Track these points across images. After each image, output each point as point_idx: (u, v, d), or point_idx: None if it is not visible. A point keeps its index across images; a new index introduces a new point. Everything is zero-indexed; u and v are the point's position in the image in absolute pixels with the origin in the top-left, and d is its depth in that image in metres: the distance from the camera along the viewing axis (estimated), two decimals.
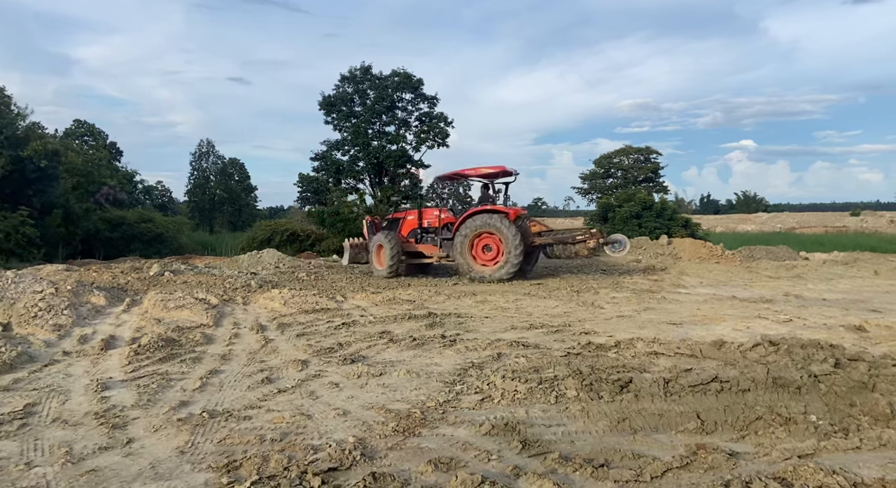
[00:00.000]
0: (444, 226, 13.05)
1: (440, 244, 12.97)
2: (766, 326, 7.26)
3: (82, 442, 3.69)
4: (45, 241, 19.87)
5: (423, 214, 13.49)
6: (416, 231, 13.31)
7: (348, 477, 3.15)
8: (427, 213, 13.47)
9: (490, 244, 12.26)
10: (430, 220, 13.36)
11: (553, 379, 4.74)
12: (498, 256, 12.19)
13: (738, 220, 52.98)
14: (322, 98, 26.12)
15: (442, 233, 13.04)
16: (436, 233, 13.19)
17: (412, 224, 13.40)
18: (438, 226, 13.13)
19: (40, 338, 6.59)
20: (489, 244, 12.27)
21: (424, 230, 13.32)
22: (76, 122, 43.74)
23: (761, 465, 3.26)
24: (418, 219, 13.40)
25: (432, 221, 13.31)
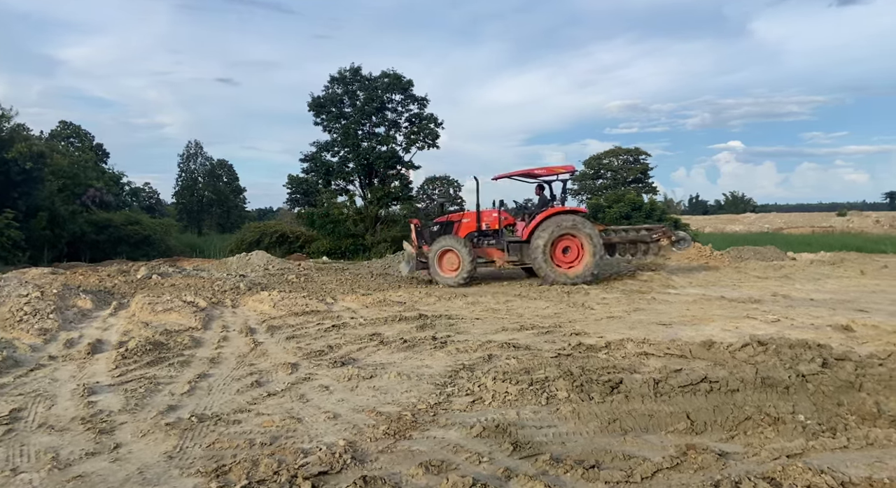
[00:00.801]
0: (505, 229, 12.45)
1: (506, 247, 12.19)
2: (755, 326, 7.31)
3: (69, 448, 3.64)
4: (30, 244, 19.66)
5: (481, 216, 12.54)
6: (472, 234, 12.40)
7: (339, 480, 3.13)
8: (485, 215, 12.54)
9: (570, 246, 11.75)
10: (488, 222, 12.50)
11: (544, 381, 4.74)
12: (578, 258, 11.74)
13: (727, 221, 53.42)
14: (311, 99, 26.04)
15: (503, 236, 12.38)
16: (494, 236, 12.44)
17: (469, 227, 12.44)
18: (498, 228, 12.41)
19: (26, 343, 6.50)
20: (569, 246, 11.75)
21: (483, 233, 12.46)
22: (62, 124, 43.32)
23: (750, 465, 3.28)
24: (477, 221, 12.46)
25: (491, 223, 12.48)
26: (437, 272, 11.96)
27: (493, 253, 12.26)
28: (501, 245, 12.25)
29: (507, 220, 12.59)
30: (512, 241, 12.20)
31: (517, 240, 12.16)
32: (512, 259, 12.17)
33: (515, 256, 12.14)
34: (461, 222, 12.51)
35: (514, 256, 12.14)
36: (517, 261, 12.23)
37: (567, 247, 11.77)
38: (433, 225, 12.77)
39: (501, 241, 12.29)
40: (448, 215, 12.86)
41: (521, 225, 12.43)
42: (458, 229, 12.41)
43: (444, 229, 12.52)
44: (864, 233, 34.77)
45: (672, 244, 12.79)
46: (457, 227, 12.45)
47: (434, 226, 12.72)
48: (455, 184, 55.39)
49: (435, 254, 11.95)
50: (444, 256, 11.95)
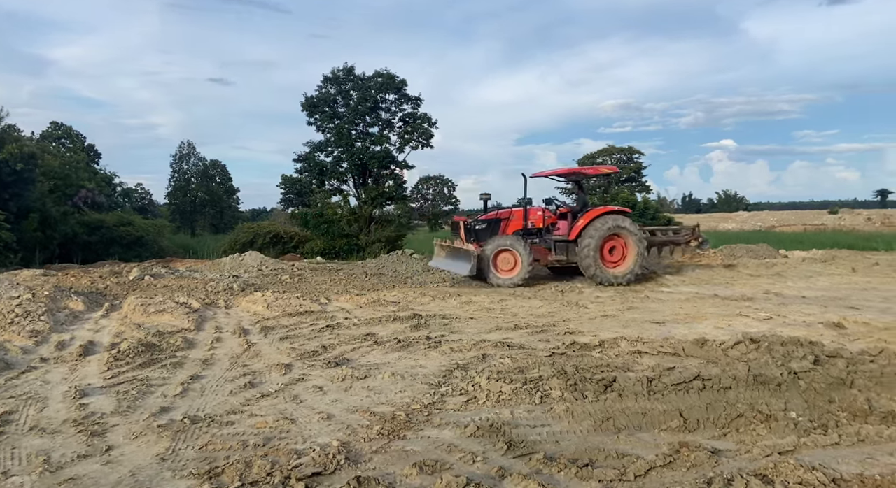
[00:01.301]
0: (548, 227, 12.27)
1: (553, 246, 12.00)
2: (747, 324, 7.35)
3: (60, 451, 3.62)
4: (21, 246, 19.51)
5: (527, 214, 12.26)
6: (518, 233, 12.04)
7: (332, 481, 3.13)
8: (531, 213, 12.27)
9: (616, 246, 11.70)
10: (533, 221, 12.25)
11: (538, 380, 4.75)
12: (624, 258, 11.70)
13: (719, 219, 53.62)
14: (305, 99, 25.97)
15: (547, 235, 12.19)
16: (539, 235, 12.19)
17: (517, 225, 12.10)
18: (542, 227, 12.22)
19: (17, 345, 6.45)
20: (615, 246, 11.70)
21: (528, 231, 12.13)
22: (53, 124, 43.01)
23: (743, 462, 3.30)
24: (524, 219, 12.14)
25: (535, 221, 12.25)
26: (494, 272, 11.53)
27: (539, 252, 12.06)
28: (548, 244, 12.08)
29: (550, 219, 12.40)
30: (558, 240, 12.01)
31: (563, 239, 11.97)
32: (559, 258, 12.01)
33: (562, 255, 11.96)
34: (509, 220, 12.17)
35: (560, 255, 11.96)
36: (564, 261, 12.06)
37: (613, 247, 11.72)
38: (479, 222, 12.23)
39: (548, 240, 12.12)
40: (496, 212, 12.47)
41: (564, 223, 12.28)
42: (505, 227, 12.09)
43: (492, 227, 12.11)
44: (855, 231, 35.01)
45: (698, 245, 13.03)
46: (504, 225, 12.11)
47: (481, 224, 12.20)
48: (449, 183, 55.46)
49: (492, 254, 11.53)
50: (500, 256, 11.60)
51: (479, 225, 12.16)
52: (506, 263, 11.56)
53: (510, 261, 11.54)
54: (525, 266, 11.43)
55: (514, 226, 12.08)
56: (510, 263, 11.54)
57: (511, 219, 12.15)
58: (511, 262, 11.54)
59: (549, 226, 12.25)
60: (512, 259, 11.54)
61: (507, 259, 11.55)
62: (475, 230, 12.08)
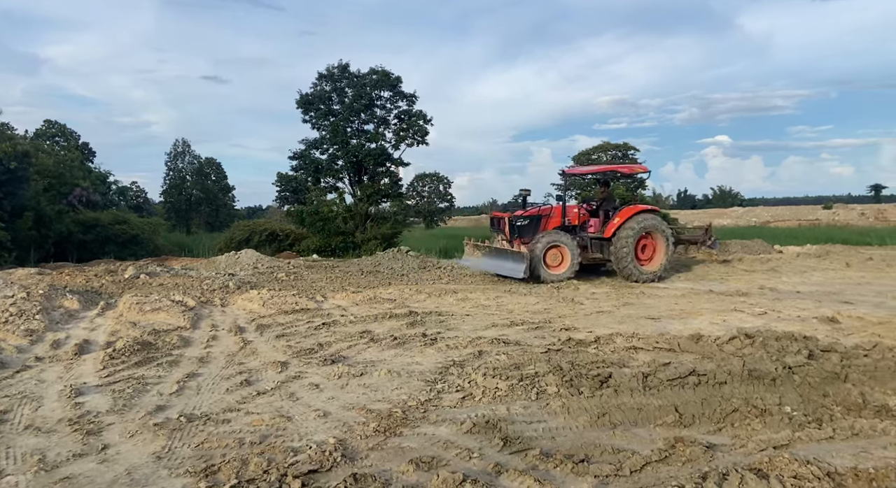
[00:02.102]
0: (582, 225, 12.32)
1: (589, 244, 12.11)
2: (742, 319, 7.38)
3: (56, 450, 3.61)
4: (16, 245, 19.39)
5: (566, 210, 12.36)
6: (558, 229, 12.09)
7: (329, 478, 3.13)
8: (567, 210, 12.39)
9: (647, 244, 11.89)
10: (569, 218, 12.33)
11: (534, 376, 4.76)
12: (654, 256, 11.90)
13: (714, 215, 53.73)
14: (300, 96, 25.89)
15: (582, 232, 12.24)
16: (574, 232, 12.23)
17: (556, 222, 12.19)
18: (578, 224, 12.30)
19: (12, 344, 6.43)
20: (646, 244, 11.89)
21: (564, 228, 12.19)
22: (47, 123, 42.76)
23: (738, 457, 3.32)
24: (562, 216, 12.24)
25: (572, 219, 12.33)
26: (543, 268, 11.53)
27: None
28: (583, 241, 12.15)
29: (584, 216, 12.48)
30: (594, 238, 12.13)
31: (599, 237, 12.08)
32: (595, 256, 12.09)
33: (598, 253, 12.08)
34: (549, 217, 12.24)
35: (595, 253, 12.08)
36: (599, 258, 12.15)
37: (644, 246, 11.89)
38: (521, 219, 12.22)
39: (584, 237, 12.19)
40: (538, 209, 12.57)
41: (595, 221, 12.39)
42: (546, 224, 12.16)
43: (533, 224, 12.17)
44: (849, 226, 35.15)
45: (710, 244, 13.26)
46: (545, 222, 12.18)
47: (523, 220, 12.20)
48: (445, 180, 55.44)
49: (543, 250, 11.55)
50: (551, 252, 11.69)
51: (520, 221, 12.23)
52: (554, 259, 11.69)
53: (558, 256, 11.70)
54: (574, 261, 11.59)
55: (553, 223, 12.21)
56: (558, 259, 11.70)
57: (551, 215, 12.29)
58: (559, 258, 11.70)
59: (583, 223, 12.40)
60: (560, 255, 11.70)
61: (556, 255, 11.70)
62: (517, 226, 12.16)
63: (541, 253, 11.53)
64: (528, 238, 11.89)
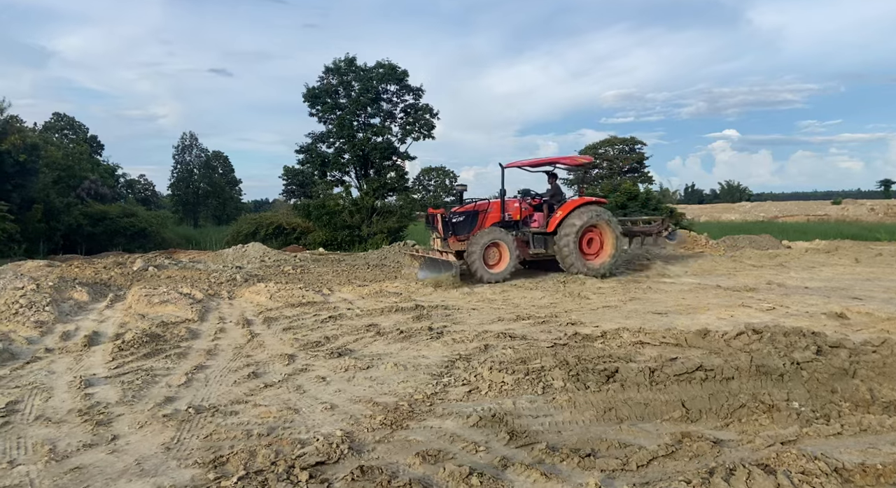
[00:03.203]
0: (525, 219, 11.77)
1: (531, 239, 11.50)
2: (750, 315, 7.35)
3: (66, 440, 3.65)
4: (25, 237, 19.55)
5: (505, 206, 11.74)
6: (496, 225, 11.46)
7: (336, 470, 3.14)
8: (508, 205, 11.76)
9: (594, 238, 11.43)
10: (510, 213, 11.73)
11: (540, 370, 4.76)
12: (601, 251, 11.45)
13: (722, 210, 53.50)
14: (306, 90, 25.89)
15: (524, 227, 11.69)
16: (516, 227, 11.68)
17: (495, 217, 11.52)
18: (519, 219, 11.73)
19: (22, 335, 6.49)
20: (593, 238, 11.43)
21: (505, 224, 11.60)
22: (55, 116, 43.04)
23: (745, 452, 3.31)
24: (501, 211, 11.60)
25: (513, 213, 11.74)
26: (480, 266, 10.82)
27: (517, 245, 11.49)
28: (525, 237, 11.66)
29: (526, 210, 11.92)
30: (536, 233, 11.60)
31: (541, 232, 11.56)
32: (537, 251, 11.57)
33: (541, 248, 11.55)
34: (487, 212, 11.57)
35: (539, 248, 11.55)
36: (542, 254, 11.63)
37: (591, 239, 11.48)
38: (456, 215, 11.47)
39: (525, 233, 11.69)
40: (474, 204, 11.81)
41: (539, 215, 11.86)
42: (483, 220, 11.48)
43: (469, 220, 11.45)
44: (858, 221, 34.90)
45: (667, 235, 12.88)
46: (482, 218, 11.49)
47: (458, 217, 11.46)
48: (451, 174, 55.34)
49: (482, 248, 10.86)
50: (492, 251, 11.03)
51: (456, 218, 11.43)
52: (492, 257, 11.08)
53: (496, 254, 11.11)
54: (513, 258, 11.02)
55: (492, 219, 11.56)
56: (496, 257, 11.10)
57: (489, 211, 11.59)
58: (497, 256, 11.10)
59: (525, 217, 11.85)
60: (498, 253, 11.10)
61: (493, 253, 11.09)
62: (452, 223, 11.38)
63: (479, 253, 10.84)
64: (464, 235, 11.22)
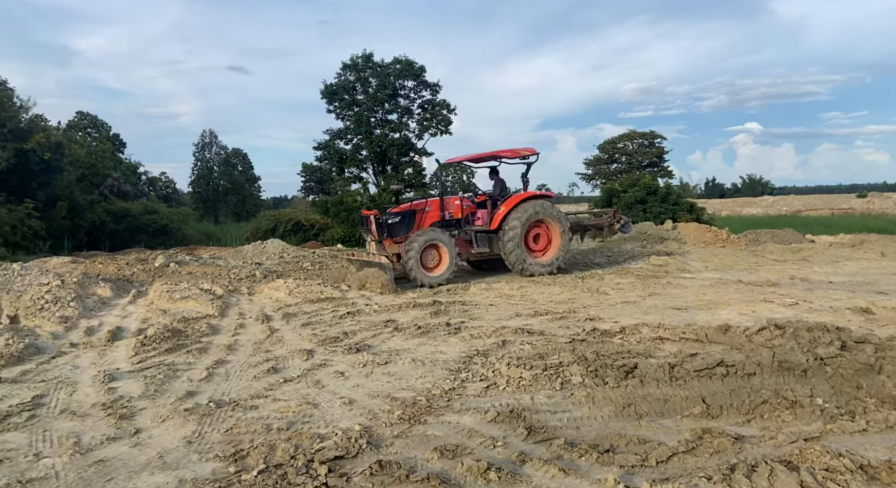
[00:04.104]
0: (467, 218, 11.15)
1: (474, 238, 10.88)
2: (772, 310, 7.24)
3: (90, 433, 3.72)
4: (50, 234, 19.96)
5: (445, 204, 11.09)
6: (436, 225, 10.83)
7: (355, 464, 3.16)
8: (448, 203, 11.14)
9: (540, 234, 10.95)
10: (451, 211, 11.07)
11: (558, 366, 4.74)
12: (549, 247, 10.97)
13: (744, 204, 52.69)
14: (324, 86, 26.02)
15: (466, 226, 11.07)
16: (458, 226, 11.06)
17: (434, 217, 10.86)
18: (462, 217, 11.09)
19: (47, 330, 6.63)
20: (539, 234, 10.94)
21: (446, 223, 10.97)
22: (79, 114, 43.81)
23: (767, 448, 3.26)
24: (440, 210, 10.95)
25: (454, 212, 11.08)
26: (417, 269, 10.07)
27: (458, 245, 10.77)
28: (467, 236, 10.95)
29: (469, 208, 11.24)
30: (479, 231, 10.92)
31: (484, 230, 10.90)
32: (481, 250, 10.90)
33: (484, 247, 10.89)
34: (425, 212, 10.82)
35: (482, 247, 10.88)
36: (486, 253, 11.00)
37: (537, 235, 10.97)
38: (392, 216, 10.76)
39: (468, 232, 10.99)
40: (410, 203, 11.17)
41: (483, 212, 11.16)
42: (421, 220, 10.73)
43: (406, 220, 10.71)
44: (884, 215, 34.15)
45: (620, 228, 12.58)
46: (420, 218, 10.74)
47: (393, 217, 10.72)
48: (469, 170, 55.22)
49: (419, 250, 10.11)
50: (424, 252, 10.25)
51: (391, 218, 10.72)
52: (431, 259, 10.34)
53: (435, 256, 10.38)
54: (452, 259, 10.33)
55: (431, 218, 10.83)
56: (435, 259, 10.37)
57: (427, 210, 10.87)
58: (436, 259, 10.38)
59: (468, 216, 11.19)
60: (437, 254, 10.38)
61: (432, 255, 10.36)
62: (387, 225, 10.66)
63: (416, 255, 10.06)
64: (400, 237, 10.51)
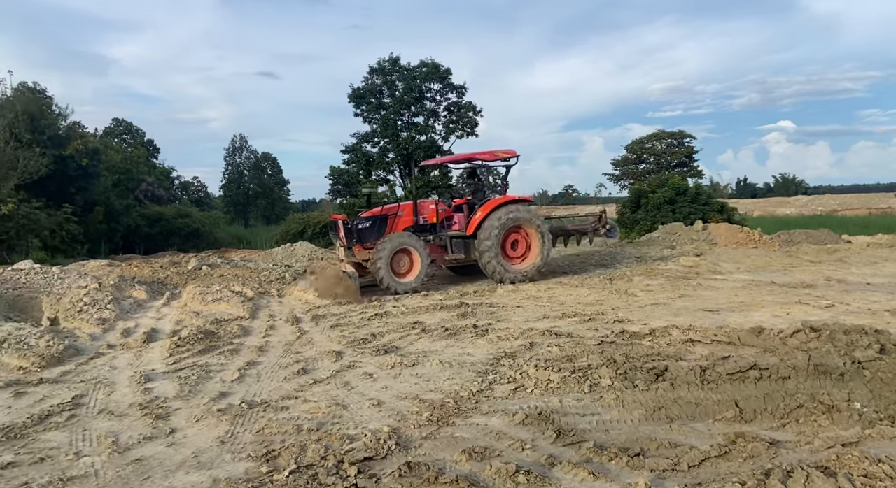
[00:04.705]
0: (442, 223, 10.69)
1: (448, 244, 10.43)
2: (807, 312, 7.07)
3: (128, 433, 3.82)
4: (87, 238, 20.56)
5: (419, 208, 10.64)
6: (410, 230, 10.37)
7: (384, 466, 3.19)
8: (422, 207, 10.70)
9: (518, 239, 10.54)
10: (425, 215, 10.63)
11: (587, 368, 4.71)
12: (527, 253, 10.58)
13: (777, 204, 51.45)
14: (351, 90, 26.28)
15: (442, 231, 10.60)
16: (432, 231, 10.60)
17: (407, 221, 10.40)
18: (437, 222, 10.62)
19: (86, 332, 6.83)
20: (517, 239, 10.53)
21: (419, 227, 10.51)
22: (115, 121, 44.92)
23: (803, 454, 3.19)
24: (414, 214, 10.49)
25: (428, 216, 10.62)
26: (391, 276, 9.69)
27: (432, 251, 10.35)
28: (442, 241, 10.53)
29: (445, 212, 10.83)
30: (455, 237, 10.48)
31: (460, 235, 10.46)
32: (456, 256, 10.46)
33: (460, 253, 10.46)
34: (397, 216, 10.36)
35: (457, 253, 10.45)
36: (462, 259, 10.56)
37: (515, 241, 10.53)
38: (362, 220, 10.29)
39: (442, 237, 10.56)
40: (382, 208, 10.74)
41: (460, 217, 10.74)
42: (393, 224, 10.29)
43: (377, 225, 10.25)
44: None
45: (605, 233, 12.23)
46: (392, 222, 10.30)
47: (364, 223, 10.25)
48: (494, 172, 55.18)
49: (388, 255, 9.68)
50: (395, 257, 9.83)
51: (361, 223, 10.23)
52: (402, 265, 9.91)
53: (406, 262, 9.93)
54: (424, 265, 9.90)
55: (403, 223, 10.38)
56: (406, 265, 9.93)
57: (399, 214, 10.42)
58: (407, 264, 9.94)
59: (443, 220, 10.75)
60: (408, 260, 9.94)
61: (403, 260, 9.90)
62: (357, 230, 10.16)
63: (386, 261, 9.65)
64: (371, 243, 10.02)
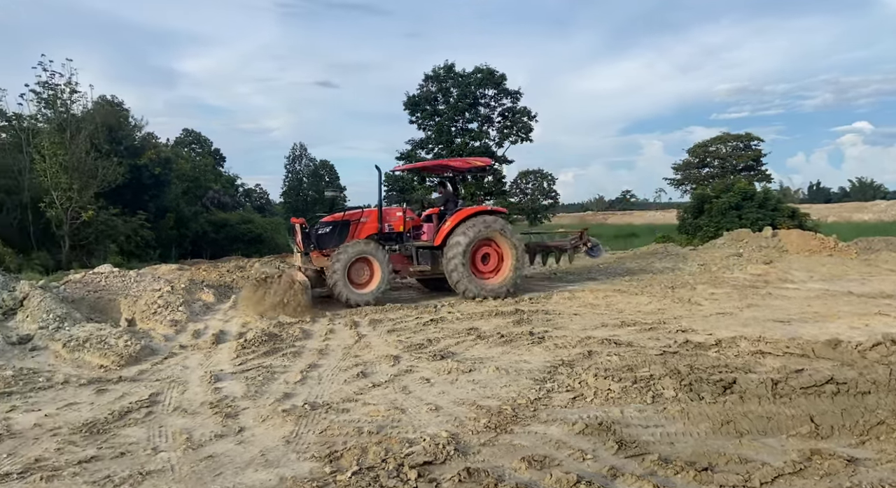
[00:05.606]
0: (410, 231, 10.13)
1: (414, 255, 9.86)
2: (888, 324, 6.67)
3: (200, 430, 4.00)
4: (159, 243, 21.70)
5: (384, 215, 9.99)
6: (373, 237, 9.77)
7: (443, 471, 3.21)
8: (388, 214, 10.06)
9: (489, 253, 9.91)
10: (391, 223, 10.03)
11: (649, 379, 4.59)
12: (499, 268, 9.92)
13: (853, 209, 48.70)
14: (406, 98, 26.68)
15: (410, 240, 10.05)
16: (398, 240, 10.07)
17: (371, 228, 9.80)
18: (404, 231, 10.06)
19: (160, 333, 7.19)
20: (488, 253, 9.91)
21: (385, 236, 9.96)
22: (185, 131, 47.15)
23: (884, 473, 3.01)
24: (378, 221, 9.90)
25: (394, 224, 10.04)
26: (348, 286, 9.07)
27: (397, 261, 9.84)
28: (408, 251, 9.96)
29: (413, 221, 10.28)
30: (421, 247, 9.92)
31: (427, 246, 9.91)
32: (422, 268, 9.86)
33: (426, 265, 9.87)
34: (360, 222, 9.80)
35: (423, 265, 9.86)
36: (428, 271, 9.98)
37: (486, 255, 9.92)
38: (323, 225, 9.82)
39: (408, 247, 10.00)
40: (344, 213, 10.12)
41: (429, 227, 10.22)
42: (356, 231, 9.73)
43: (338, 231, 9.71)
44: None
45: (587, 251, 11.47)
46: (355, 229, 9.74)
47: (324, 228, 9.77)
48: (549, 177, 54.62)
49: (345, 264, 9.09)
50: (353, 266, 9.22)
51: (321, 228, 9.77)
52: (361, 275, 9.30)
53: (366, 272, 9.32)
54: (384, 278, 9.27)
55: (367, 230, 9.79)
56: (365, 275, 9.32)
57: (363, 221, 9.84)
58: (367, 274, 9.33)
59: (411, 230, 10.18)
60: (368, 270, 9.33)
61: (362, 270, 9.31)
62: (316, 235, 9.72)
63: (343, 270, 9.05)
64: (329, 249, 9.47)
